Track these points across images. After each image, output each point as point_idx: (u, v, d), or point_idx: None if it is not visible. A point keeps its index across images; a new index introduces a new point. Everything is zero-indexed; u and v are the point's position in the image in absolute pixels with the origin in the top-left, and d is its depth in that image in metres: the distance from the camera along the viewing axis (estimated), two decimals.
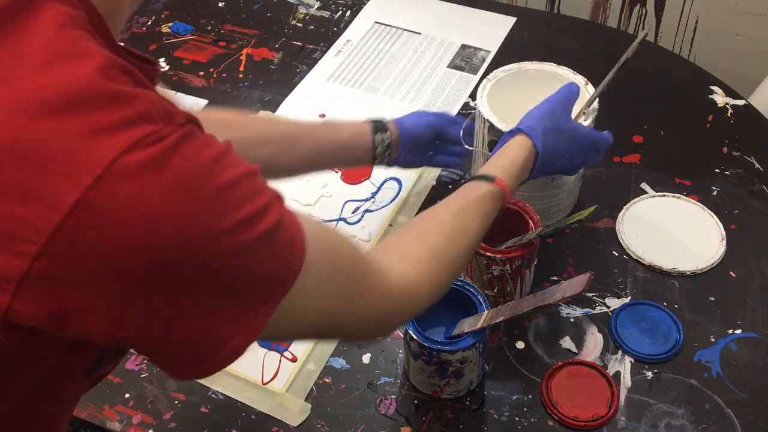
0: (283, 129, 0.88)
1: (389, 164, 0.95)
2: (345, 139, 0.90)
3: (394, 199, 1.03)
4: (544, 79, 0.96)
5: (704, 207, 0.99)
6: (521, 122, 0.82)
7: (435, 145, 0.97)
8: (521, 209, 0.87)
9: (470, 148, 0.96)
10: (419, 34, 1.30)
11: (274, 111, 1.17)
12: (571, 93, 0.85)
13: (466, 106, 1.17)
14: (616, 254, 0.95)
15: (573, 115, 0.90)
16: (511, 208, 0.87)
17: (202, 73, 1.24)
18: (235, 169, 0.46)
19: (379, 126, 0.92)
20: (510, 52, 1.25)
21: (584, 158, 0.87)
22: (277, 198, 0.49)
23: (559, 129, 0.82)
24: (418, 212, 1.01)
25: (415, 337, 0.77)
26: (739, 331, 0.87)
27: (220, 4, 1.39)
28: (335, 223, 1.00)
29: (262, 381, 0.85)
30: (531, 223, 0.86)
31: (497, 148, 0.82)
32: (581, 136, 0.85)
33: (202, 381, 0.85)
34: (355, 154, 0.91)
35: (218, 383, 0.85)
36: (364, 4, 1.37)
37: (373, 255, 0.63)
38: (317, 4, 1.38)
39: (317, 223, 0.55)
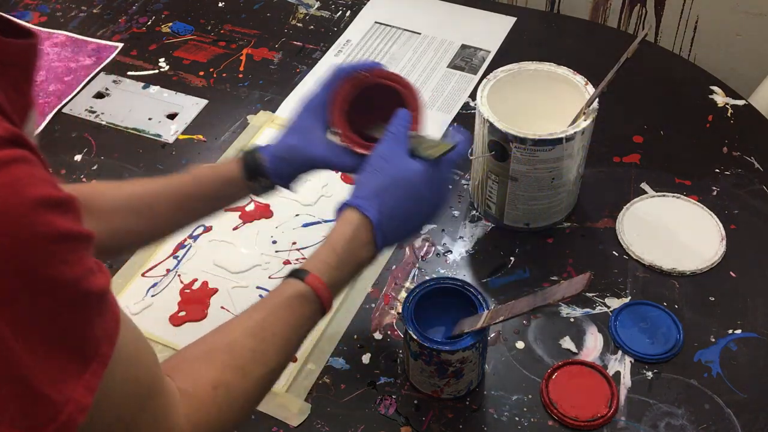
0: (134, 192, 0.78)
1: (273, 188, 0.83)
2: (211, 194, 0.80)
3: None
4: (544, 79, 0.96)
5: (704, 207, 0.99)
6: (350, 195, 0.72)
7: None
8: (403, 87, 0.78)
9: (471, 157, 0.96)
10: (419, 34, 1.30)
11: (274, 111, 1.17)
12: (394, 139, 0.73)
13: (466, 106, 1.17)
14: (616, 254, 0.95)
15: (573, 116, 0.90)
16: (391, 86, 0.78)
17: (202, 73, 1.24)
18: (71, 225, 0.43)
19: (250, 172, 0.79)
20: (510, 52, 1.25)
21: (441, 193, 0.74)
22: (106, 273, 0.47)
23: (394, 182, 0.70)
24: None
25: (415, 337, 0.77)
26: (739, 331, 0.87)
27: (220, 4, 1.39)
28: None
29: None
30: (414, 102, 0.77)
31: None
32: (425, 175, 0.71)
33: None
34: (225, 203, 0.83)
35: None
36: (364, 4, 1.37)
37: (168, 379, 0.56)
38: (317, 4, 1.38)
39: (130, 320, 0.51)
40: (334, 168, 0.79)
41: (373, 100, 0.78)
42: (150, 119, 1.17)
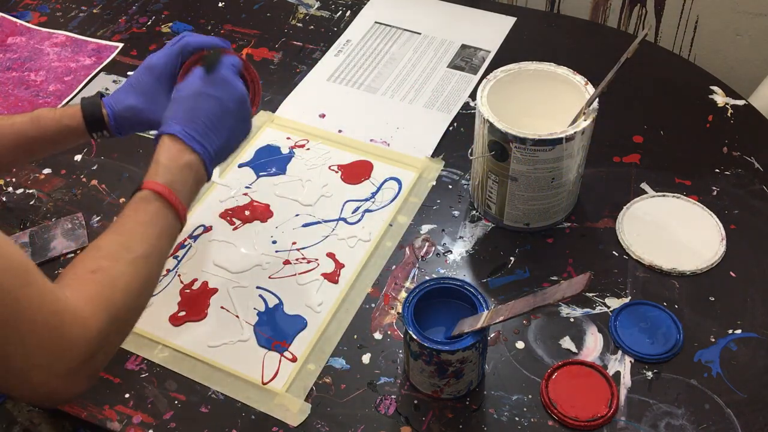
0: None
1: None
2: (52, 138, 0.86)
3: (394, 199, 1.03)
4: (544, 79, 0.96)
5: (704, 207, 0.99)
6: None
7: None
8: (246, 71, 0.86)
9: (471, 157, 0.96)
10: (419, 34, 1.30)
11: (274, 111, 1.17)
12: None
13: (466, 106, 1.17)
14: (616, 254, 0.95)
15: (573, 116, 0.90)
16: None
17: None
18: None
19: (92, 125, 0.85)
20: (510, 52, 1.25)
21: (225, 87, 0.80)
22: None
23: (182, 95, 0.79)
24: (418, 212, 1.01)
25: (415, 337, 0.77)
26: (739, 331, 0.87)
27: (220, 4, 1.39)
28: (335, 223, 1.00)
29: (262, 381, 0.85)
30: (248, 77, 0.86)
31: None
32: (199, 77, 0.80)
33: (201, 381, 0.85)
34: (65, 146, 0.89)
35: (218, 383, 0.85)
36: (364, 4, 1.37)
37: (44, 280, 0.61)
38: (317, 4, 1.38)
39: None
40: None
41: None
42: None
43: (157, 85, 0.85)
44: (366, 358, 0.86)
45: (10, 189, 1.08)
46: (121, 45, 1.30)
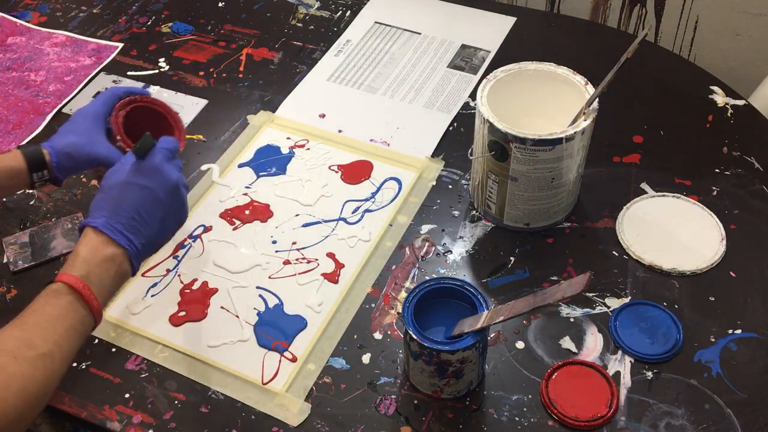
0: None
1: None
2: None
3: (394, 199, 1.03)
4: (544, 79, 0.96)
5: (704, 207, 0.99)
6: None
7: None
8: (167, 112, 0.89)
9: (471, 157, 0.96)
10: (419, 34, 1.30)
11: (274, 111, 1.17)
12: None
13: (466, 106, 1.17)
14: (616, 254, 0.95)
15: (573, 116, 0.90)
16: (158, 110, 0.89)
17: (202, 73, 1.24)
18: None
19: (34, 164, 0.84)
20: (510, 52, 1.25)
21: (158, 178, 0.78)
22: None
23: (110, 184, 0.77)
24: (418, 212, 1.01)
25: (415, 337, 0.77)
26: (739, 331, 0.87)
27: (220, 4, 1.39)
28: (335, 223, 1.00)
29: (262, 381, 0.85)
30: (175, 126, 0.88)
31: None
32: (135, 164, 0.78)
33: (201, 381, 0.85)
34: (7, 192, 0.87)
35: (218, 383, 0.85)
36: (364, 4, 1.37)
37: None
38: (317, 4, 1.38)
39: None
40: (113, 164, 0.84)
41: (143, 121, 0.88)
42: None
43: (92, 124, 0.86)
44: (366, 358, 0.86)
45: None
46: (121, 45, 1.30)
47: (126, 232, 0.75)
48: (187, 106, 1.18)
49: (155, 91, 1.21)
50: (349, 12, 1.36)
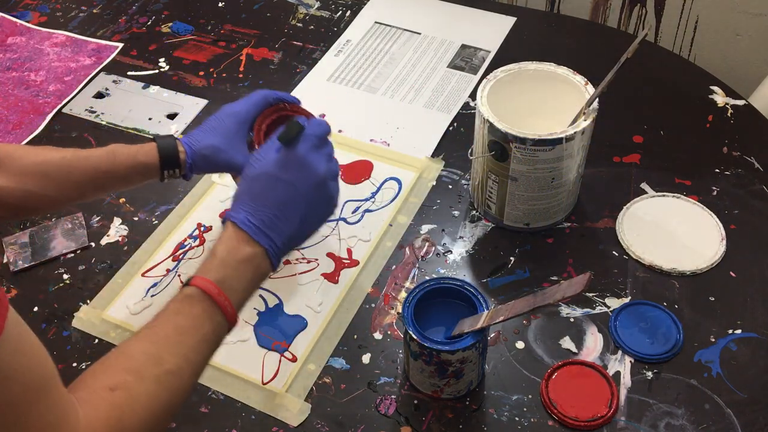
0: (50, 159, 0.80)
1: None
2: (124, 173, 0.82)
3: (394, 199, 1.03)
4: (544, 79, 0.96)
5: (704, 207, 0.99)
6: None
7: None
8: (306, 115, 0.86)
9: (471, 157, 0.96)
10: (419, 34, 1.30)
11: None
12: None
13: (466, 106, 1.17)
14: (616, 254, 0.95)
15: (573, 116, 0.90)
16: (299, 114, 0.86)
17: (202, 73, 1.24)
18: None
19: (167, 162, 0.83)
20: (510, 52, 1.25)
21: (309, 173, 0.74)
22: None
23: (256, 175, 0.73)
24: (418, 212, 1.01)
25: (415, 337, 0.77)
26: (739, 331, 0.87)
27: (220, 4, 1.39)
28: (335, 223, 1.00)
29: (262, 381, 0.85)
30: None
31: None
32: (286, 160, 0.73)
33: (201, 381, 0.85)
34: (137, 183, 0.85)
35: (218, 383, 0.85)
36: (364, 4, 1.37)
37: (65, 390, 0.56)
38: (317, 4, 1.38)
39: (18, 317, 0.53)
40: None
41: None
42: (150, 119, 1.17)
43: (237, 128, 0.83)
44: (366, 358, 0.86)
45: None
46: (121, 45, 1.30)
47: (267, 230, 0.71)
48: (187, 106, 1.18)
49: (155, 91, 1.21)
50: (349, 12, 1.36)
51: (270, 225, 0.71)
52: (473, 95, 1.17)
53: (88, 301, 0.93)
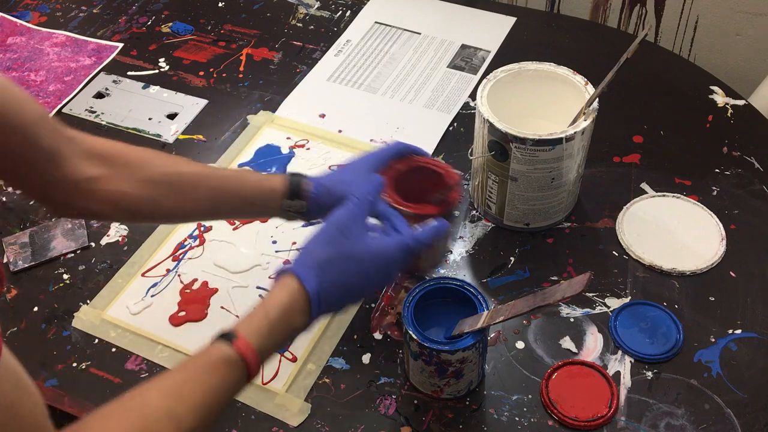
0: (181, 171, 0.79)
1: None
2: (249, 198, 0.81)
3: None
4: (544, 79, 0.96)
5: (704, 207, 0.99)
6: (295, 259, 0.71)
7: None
8: (445, 171, 0.86)
9: (471, 157, 0.96)
10: (419, 34, 1.30)
11: (274, 111, 1.17)
12: (358, 206, 0.72)
13: (466, 106, 1.17)
14: (616, 254, 0.95)
15: (573, 116, 0.90)
16: (437, 170, 0.86)
17: (202, 73, 1.24)
18: None
19: (292, 191, 0.81)
20: (510, 52, 1.25)
21: (387, 275, 0.73)
22: None
23: (341, 256, 0.69)
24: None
25: (415, 337, 0.77)
26: (739, 331, 0.87)
27: (220, 4, 1.39)
28: None
29: (262, 381, 0.85)
30: (451, 183, 0.85)
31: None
32: (376, 256, 0.71)
33: None
34: (258, 211, 0.85)
35: None
36: (364, 4, 1.37)
37: None
38: (317, 4, 1.38)
39: (15, 364, 0.50)
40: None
41: (418, 180, 0.86)
42: (150, 119, 1.17)
43: (365, 168, 0.82)
44: (366, 358, 0.86)
45: (10, 189, 1.08)
46: (121, 45, 1.30)
47: (327, 308, 0.69)
48: (187, 106, 1.18)
49: (155, 91, 1.21)
50: (349, 12, 1.36)
51: (332, 305, 0.69)
52: (473, 95, 1.17)
53: (88, 301, 0.93)
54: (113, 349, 0.89)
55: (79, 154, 0.73)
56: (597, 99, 0.90)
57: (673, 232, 0.97)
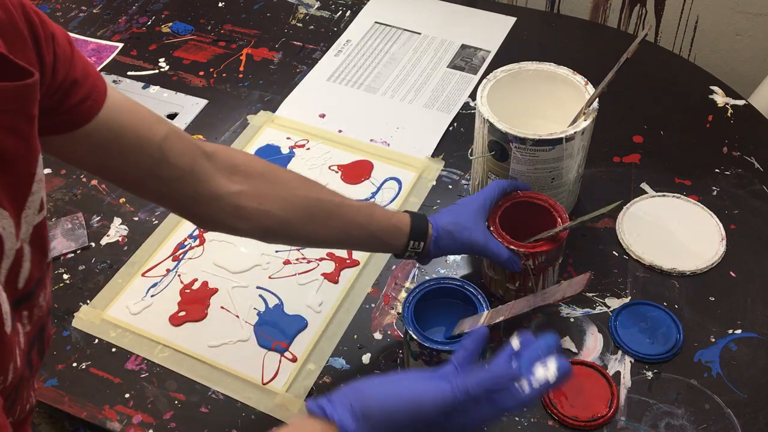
0: (320, 198, 0.78)
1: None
2: (377, 233, 0.80)
3: (394, 199, 1.03)
4: (544, 79, 0.96)
5: (704, 207, 0.99)
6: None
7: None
8: (551, 206, 0.87)
9: (471, 157, 0.96)
10: (419, 34, 1.30)
11: (274, 111, 1.17)
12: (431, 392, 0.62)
13: (466, 106, 1.17)
14: (616, 254, 0.95)
15: (573, 116, 0.90)
16: (540, 204, 0.87)
17: (202, 73, 1.24)
18: None
19: (417, 232, 0.81)
20: (510, 52, 1.25)
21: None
22: None
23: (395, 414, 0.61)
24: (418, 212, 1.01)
25: (415, 337, 0.77)
26: (739, 331, 0.87)
27: (220, 4, 1.39)
28: None
29: (262, 381, 0.85)
30: (559, 219, 0.85)
31: None
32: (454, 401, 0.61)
33: (201, 381, 0.85)
34: (382, 247, 0.84)
35: (218, 383, 0.85)
36: (364, 4, 1.37)
37: None
38: (317, 4, 1.38)
39: None
40: (486, 254, 0.84)
41: (524, 215, 0.88)
42: None
43: (475, 210, 0.85)
44: (366, 358, 0.86)
45: None
46: (121, 45, 1.30)
47: None
48: (187, 106, 1.18)
49: (155, 91, 1.21)
50: (349, 12, 1.36)
51: None
52: (473, 95, 1.17)
53: (88, 301, 0.93)
54: (113, 349, 0.89)
55: (221, 170, 0.72)
56: (597, 99, 0.90)
57: (673, 232, 0.97)
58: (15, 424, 0.56)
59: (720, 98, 1.15)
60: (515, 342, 0.64)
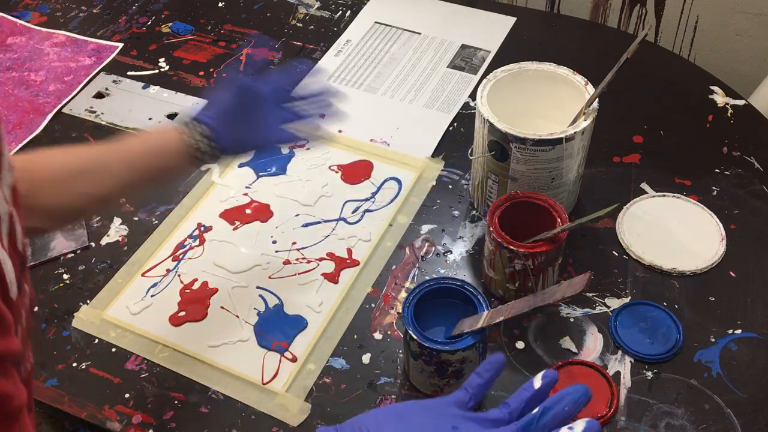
0: (86, 154, 0.77)
1: (221, 154, 0.82)
2: (155, 144, 0.79)
3: (394, 199, 1.03)
4: (544, 79, 0.96)
5: (704, 207, 0.99)
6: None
7: (263, 114, 0.84)
8: (551, 206, 0.87)
9: (471, 157, 0.96)
10: (419, 34, 1.30)
11: None
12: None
13: (466, 106, 1.17)
14: (616, 254, 0.95)
15: (573, 116, 0.90)
16: (540, 204, 0.87)
17: (202, 73, 1.24)
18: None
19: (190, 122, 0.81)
20: (510, 52, 1.25)
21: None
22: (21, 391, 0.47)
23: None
24: (418, 212, 1.01)
25: (415, 337, 0.77)
26: (739, 331, 0.87)
27: (220, 4, 1.39)
28: (335, 223, 1.00)
29: (262, 381, 0.85)
30: (559, 220, 0.86)
31: None
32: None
33: (201, 381, 0.85)
34: (173, 157, 0.80)
35: (218, 383, 0.85)
36: (364, 4, 1.37)
37: None
38: (317, 4, 1.38)
39: None
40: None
41: (523, 215, 0.88)
42: (150, 119, 1.17)
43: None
44: (366, 358, 0.86)
45: None
46: (121, 45, 1.30)
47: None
48: (187, 106, 1.18)
49: (155, 91, 1.21)
50: (349, 12, 1.36)
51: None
52: (473, 95, 1.17)
53: (88, 301, 0.93)
54: (113, 349, 0.89)
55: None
56: (597, 99, 0.90)
57: (673, 232, 0.97)
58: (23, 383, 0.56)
59: (720, 98, 1.15)
60: (537, 382, 0.61)
